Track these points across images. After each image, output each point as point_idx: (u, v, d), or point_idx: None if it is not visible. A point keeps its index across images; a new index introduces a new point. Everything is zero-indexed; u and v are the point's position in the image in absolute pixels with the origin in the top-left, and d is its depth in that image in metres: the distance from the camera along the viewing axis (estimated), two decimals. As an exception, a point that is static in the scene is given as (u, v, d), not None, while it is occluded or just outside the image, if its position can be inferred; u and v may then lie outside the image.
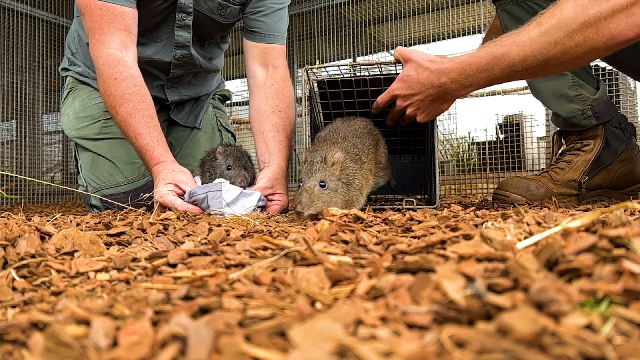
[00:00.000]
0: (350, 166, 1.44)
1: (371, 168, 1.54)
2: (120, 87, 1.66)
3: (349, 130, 1.57)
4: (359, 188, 1.44)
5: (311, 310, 0.43)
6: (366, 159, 1.52)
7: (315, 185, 1.33)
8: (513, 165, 3.75)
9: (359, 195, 1.45)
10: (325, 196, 1.34)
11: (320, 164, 1.37)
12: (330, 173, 1.37)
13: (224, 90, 2.59)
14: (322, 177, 1.35)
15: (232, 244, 0.80)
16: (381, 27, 4.63)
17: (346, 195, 1.39)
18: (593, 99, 1.79)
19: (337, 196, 1.36)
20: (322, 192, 1.33)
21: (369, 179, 1.52)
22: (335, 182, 1.36)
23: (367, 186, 1.51)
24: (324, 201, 1.33)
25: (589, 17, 1.22)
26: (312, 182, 1.33)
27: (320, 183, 1.34)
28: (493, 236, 0.60)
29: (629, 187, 1.90)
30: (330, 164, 1.37)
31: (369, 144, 1.57)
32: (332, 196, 1.35)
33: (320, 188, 1.34)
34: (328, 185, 1.35)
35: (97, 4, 1.71)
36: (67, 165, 4.72)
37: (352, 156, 1.47)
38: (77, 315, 0.42)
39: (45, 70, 4.48)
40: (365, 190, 1.50)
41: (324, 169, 1.36)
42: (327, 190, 1.34)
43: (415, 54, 1.48)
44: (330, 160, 1.37)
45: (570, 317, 0.36)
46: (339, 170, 1.38)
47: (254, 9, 2.01)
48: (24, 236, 0.76)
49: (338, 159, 1.37)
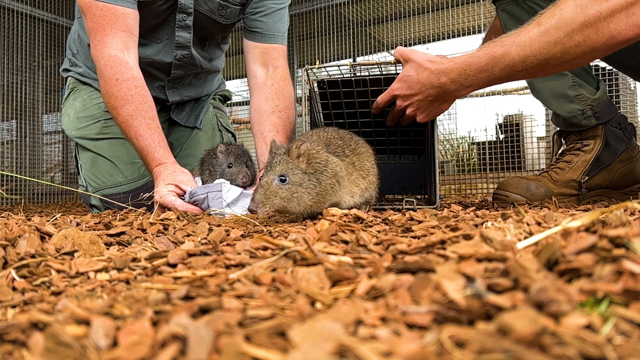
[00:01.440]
0: (323, 155, 1.30)
1: (355, 162, 1.41)
2: (122, 88, 1.67)
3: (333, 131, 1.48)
4: (333, 175, 1.29)
5: (311, 310, 0.43)
6: (351, 153, 1.40)
7: (274, 180, 1.23)
8: (513, 165, 3.75)
9: (335, 185, 1.29)
10: (285, 192, 1.23)
11: (282, 156, 1.26)
12: (294, 166, 1.25)
13: (225, 91, 2.59)
14: (283, 170, 1.24)
15: (232, 244, 0.80)
16: (381, 27, 4.63)
17: (317, 187, 1.26)
18: (593, 99, 1.79)
19: (302, 191, 1.24)
20: (281, 188, 1.23)
21: (353, 173, 1.39)
22: (299, 176, 1.24)
23: (350, 178, 1.37)
24: (283, 197, 1.23)
25: (588, 17, 1.22)
26: (270, 176, 1.23)
27: (280, 177, 1.23)
28: (493, 236, 0.60)
29: (629, 187, 1.90)
30: (295, 156, 1.25)
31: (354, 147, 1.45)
32: (294, 191, 1.23)
33: (280, 183, 1.23)
34: (290, 179, 1.23)
35: (99, 5, 1.71)
36: (67, 165, 4.72)
37: (333, 148, 1.37)
38: (77, 315, 0.42)
39: (45, 70, 4.48)
40: (347, 181, 1.35)
41: (285, 162, 1.25)
42: (287, 185, 1.23)
43: (415, 54, 1.48)
44: (294, 151, 1.25)
45: (570, 317, 0.36)
46: (306, 162, 1.26)
47: (254, 9, 2.01)
48: (24, 236, 0.76)
49: (305, 150, 1.25)
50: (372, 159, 1.50)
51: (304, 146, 1.25)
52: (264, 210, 1.22)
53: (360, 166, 1.42)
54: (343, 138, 1.44)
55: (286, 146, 1.27)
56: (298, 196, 1.24)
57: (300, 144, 1.25)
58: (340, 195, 1.32)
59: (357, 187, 1.40)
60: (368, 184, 1.45)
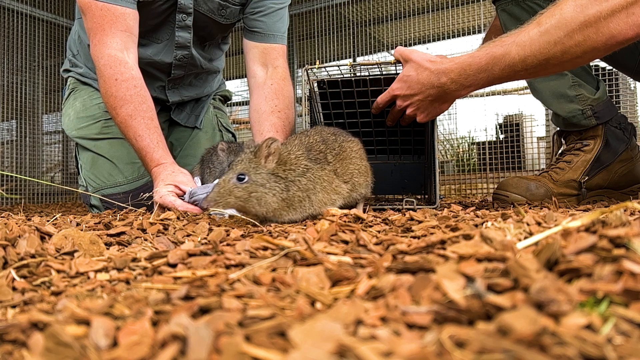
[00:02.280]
0: (302, 165, 1.26)
1: (337, 169, 1.35)
2: (121, 88, 1.66)
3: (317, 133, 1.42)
4: (305, 190, 1.23)
5: (311, 310, 0.43)
6: (333, 159, 1.35)
7: (232, 179, 1.19)
8: (513, 165, 3.75)
9: (305, 200, 1.24)
10: (241, 191, 1.18)
11: (247, 155, 1.22)
12: (257, 164, 1.20)
13: (225, 91, 2.59)
14: (243, 169, 1.19)
15: (232, 244, 0.80)
16: (381, 27, 4.63)
17: (284, 192, 1.21)
18: (593, 99, 1.79)
19: (263, 191, 1.19)
20: (237, 187, 1.18)
21: (333, 182, 1.32)
22: (263, 176, 1.19)
23: (330, 187, 1.31)
24: (238, 196, 1.18)
25: (588, 17, 1.22)
26: (229, 175, 1.20)
27: (239, 176, 1.19)
28: (493, 236, 0.60)
29: (629, 187, 1.90)
30: (264, 155, 1.20)
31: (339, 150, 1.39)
32: (252, 191, 1.18)
33: (237, 182, 1.18)
34: (250, 179, 1.19)
35: (98, 4, 1.71)
36: (67, 165, 4.72)
37: (314, 154, 1.31)
38: (77, 315, 0.42)
39: (45, 70, 4.48)
40: (323, 193, 1.28)
41: (248, 160, 1.20)
42: (245, 184, 1.18)
43: (415, 54, 1.48)
44: (264, 150, 1.20)
45: (570, 317, 0.36)
46: (275, 162, 1.22)
47: (254, 9, 2.01)
48: (24, 236, 0.76)
49: (275, 149, 1.20)
50: (357, 160, 1.43)
51: (275, 145, 1.20)
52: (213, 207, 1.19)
53: (342, 171, 1.37)
54: (326, 141, 1.37)
55: (257, 145, 1.23)
56: (258, 196, 1.19)
57: (270, 143, 1.20)
58: (314, 209, 1.27)
59: (337, 194, 1.34)
60: (353, 185, 1.40)
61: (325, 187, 1.30)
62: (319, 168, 1.29)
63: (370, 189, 1.50)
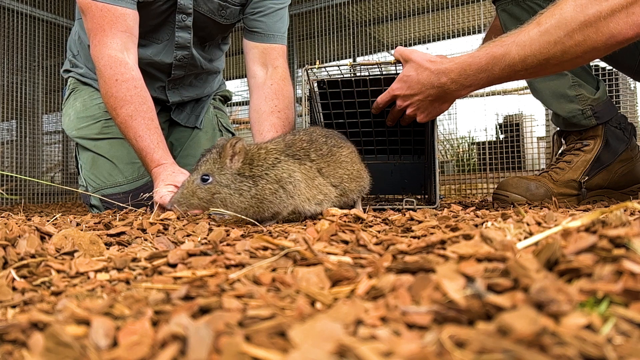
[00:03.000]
0: (271, 159, 1.21)
1: (323, 169, 1.30)
2: (121, 88, 1.66)
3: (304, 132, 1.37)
4: (276, 181, 1.19)
5: (311, 310, 0.43)
6: (318, 158, 1.30)
7: (196, 180, 1.18)
8: (513, 165, 3.75)
9: (278, 191, 1.19)
10: (204, 192, 1.17)
11: (212, 155, 1.20)
12: (222, 165, 1.18)
13: (225, 91, 2.59)
14: (207, 169, 1.18)
15: (232, 244, 0.80)
16: (381, 27, 4.63)
17: (252, 189, 1.17)
18: (593, 99, 1.79)
19: (227, 192, 1.17)
20: (200, 188, 1.17)
21: (316, 178, 1.27)
22: (228, 176, 1.18)
23: (312, 183, 1.25)
24: (201, 198, 1.17)
25: (588, 17, 1.22)
26: (194, 175, 1.19)
27: (203, 177, 1.18)
28: (493, 236, 0.60)
29: (629, 187, 1.90)
30: (229, 155, 1.18)
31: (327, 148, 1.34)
32: (215, 192, 1.17)
33: (201, 183, 1.17)
34: (214, 179, 1.17)
35: (98, 5, 1.71)
36: (67, 165, 4.72)
37: (294, 150, 1.27)
38: (77, 315, 0.42)
39: (45, 70, 4.48)
40: (304, 186, 1.23)
41: (213, 161, 1.19)
42: (208, 185, 1.17)
43: (415, 54, 1.48)
44: (228, 150, 1.18)
45: (570, 317, 0.36)
46: (242, 162, 1.19)
47: (254, 9, 2.01)
48: (24, 236, 0.76)
49: (240, 148, 1.18)
50: (348, 165, 1.38)
51: (239, 145, 1.18)
52: (181, 210, 1.17)
53: (329, 173, 1.31)
54: (314, 141, 1.33)
55: (222, 145, 1.21)
56: (222, 197, 1.17)
57: (234, 142, 1.18)
58: (295, 200, 1.22)
59: (322, 194, 1.29)
60: (344, 191, 1.35)
61: (306, 178, 1.24)
62: (295, 162, 1.24)
63: (365, 190, 1.46)
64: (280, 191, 1.19)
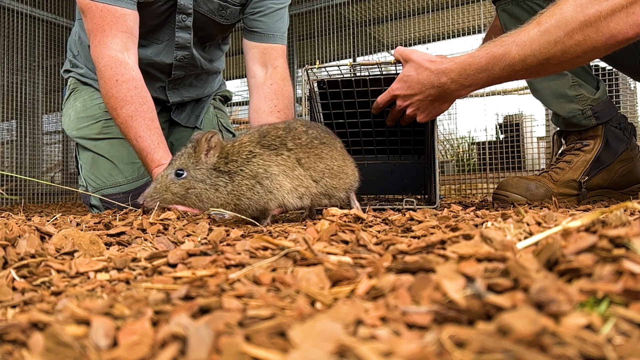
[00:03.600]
0: (246, 152, 1.17)
1: (302, 159, 1.23)
2: (122, 89, 1.66)
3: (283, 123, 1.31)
4: (252, 176, 1.15)
5: (311, 310, 0.43)
6: (295, 147, 1.23)
7: (170, 174, 1.15)
8: (513, 165, 3.75)
9: (255, 186, 1.15)
10: (178, 187, 1.14)
11: (188, 149, 1.17)
12: (198, 160, 1.15)
13: (225, 91, 2.59)
14: (182, 164, 1.15)
15: (232, 244, 0.80)
16: (381, 27, 4.63)
17: (228, 185, 1.15)
18: (593, 99, 1.79)
19: (202, 187, 1.14)
20: (174, 182, 1.15)
21: (296, 169, 1.21)
22: (203, 171, 1.15)
23: (292, 174, 1.20)
24: (175, 193, 1.15)
25: (588, 16, 1.22)
26: (168, 170, 1.16)
27: (177, 171, 1.15)
28: (493, 236, 0.60)
29: (629, 187, 1.90)
30: (204, 150, 1.15)
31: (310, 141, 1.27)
32: (189, 187, 1.14)
33: (175, 177, 1.15)
34: (189, 174, 1.14)
35: (99, 5, 1.71)
36: (67, 165, 4.72)
37: (269, 139, 1.21)
38: (77, 315, 0.42)
39: (45, 70, 4.48)
40: (282, 179, 1.18)
41: (188, 155, 1.16)
42: (182, 180, 1.14)
43: (415, 54, 1.48)
44: (203, 145, 1.15)
45: (570, 317, 0.36)
46: (216, 156, 1.16)
47: (254, 9, 2.01)
48: (24, 236, 0.76)
49: (215, 142, 1.15)
50: (328, 161, 1.29)
51: (215, 139, 1.15)
52: (153, 205, 1.14)
53: (310, 165, 1.24)
54: (291, 129, 1.26)
55: (197, 139, 1.17)
56: (197, 192, 1.15)
57: (210, 137, 1.15)
58: (275, 196, 1.18)
59: (303, 187, 1.23)
60: (326, 187, 1.27)
61: (285, 170, 1.19)
62: (271, 153, 1.19)
63: (353, 188, 1.38)
64: (257, 187, 1.16)
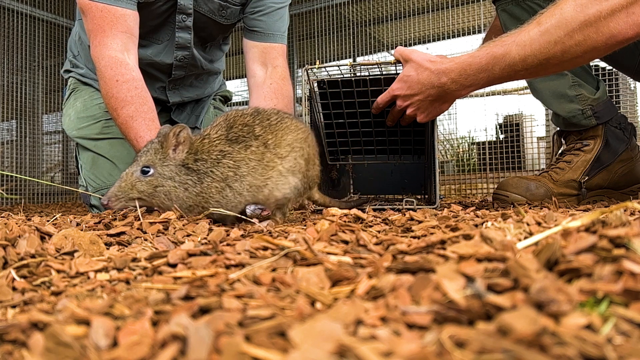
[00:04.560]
0: (216, 151, 1.11)
1: (269, 140, 1.17)
2: (122, 89, 1.66)
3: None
4: (224, 179, 1.10)
5: (311, 310, 0.43)
6: (263, 131, 1.17)
7: (135, 172, 1.09)
8: (513, 165, 3.75)
9: (224, 189, 1.10)
10: (144, 185, 1.09)
11: (155, 144, 1.12)
12: (165, 156, 1.10)
13: (225, 91, 2.59)
14: (149, 160, 1.09)
15: (232, 244, 0.80)
16: (381, 27, 4.63)
17: (197, 185, 1.09)
18: (593, 99, 1.79)
19: (171, 185, 1.08)
20: (140, 180, 1.09)
21: (264, 157, 1.15)
22: (172, 168, 1.09)
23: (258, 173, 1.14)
24: (142, 191, 1.09)
25: (588, 16, 1.22)
26: (133, 167, 1.11)
27: (144, 168, 1.09)
28: (493, 236, 0.60)
29: (629, 187, 1.90)
30: (172, 145, 1.10)
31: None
32: (157, 184, 1.09)
33: (141, 175, 1.09)
34: (156, 171, 1.09)
35: (99, 6, 1.71)
36: (67, 165, 4.72)
37: (235, 129, 1.15)
38: (77, 315, 0.42)
39: (45, 70, 4.48)
40: (251, 179, 1.13)
41: (155, 151, 1.10)
42: (149, 177, 1.09)
43: (415, 54, 1.48)
44: (171, 140, 1.09)
45: (570, 317, 0.36)
46: (185, 152, 1.11)
47: (254, 8, 2.01)
48: (24, 236, 0.76)
49: (184, 137, 1.09)
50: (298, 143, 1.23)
51: (183, 133, 1.09)
52: (118, 205, 1.09)
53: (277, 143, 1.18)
54: (260, 114, 1.21)
55: (164, 133, 1.12)
56: (165, 190, 1.09)
57: (178, 131, 1.09)
58: (244, 197, 1.13)
59: (272, 169, 1.17)
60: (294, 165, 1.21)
61: (253, 168, 1.14)
62: (241, 148, 1.14)
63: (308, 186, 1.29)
64: (226, 190, 1.12)
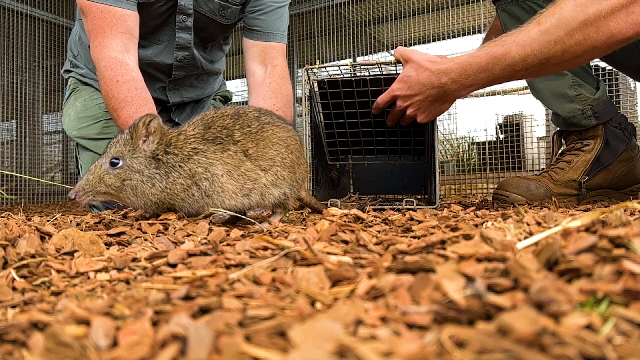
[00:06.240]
0: (189, 147, 1.05)
1: (250, 149, 1.10)
2: (122, 90, 1.66)
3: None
4: (190, 175, 1.03)
5: (311, 310, 0.43)
6: (243, 138, 1.10)
7: (104, 164, 1.03)
8: (513, 165, 3.75)
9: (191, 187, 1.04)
10: (113, 178, 1.02)
11: (124, 135, 1.05)
12: (135, 147, 1.03)
13: (225, 92, 2.59)
14: (118, 152, 1.03)
15: (232, 244, 0.80)
16: (381, 27, 4.63)
17: (163, 181, 1.03)
18: (593, 99, 1.79)
19: (139, 179, 1.02)
20: (109, 173, 1.02)
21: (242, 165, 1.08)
22: (141, 160, 1.02)
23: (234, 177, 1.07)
24: (110, 185, 1.02)
25: (588, 16, 1.22)
26: (102, 159, 1.04)
27: (112, 160, 1.03)
28: (493, 236, 0.60)
29: (629, 187, 1.90)
30: (142, 136, 1.03)
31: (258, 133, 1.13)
32: (126, 178, 1.02)
33: (110, 167, 1.03)
34: (125, 164, 1.02)
35: (99, 6, 1.71)
36: (67, 165, 4.72)
37: (213, 130, 1.09)
38: (77, 315, 0.42)
39: (45, 70, 4.48)
40: (225, 180, 1.06)
41: (124, 142, 1.04)
42: (117, 170, 1.02)
43: (415, 54, 1.48)
44: (141, 130, 1.03)
45: (570, 317, 0.36)
46: (156, 143, 1.04)
47: (254, 8, 2.01)
48: (24, 236, 0.76)
49: (155, 127, 1.03)
50: (282, 148, 1.16)
51: (154, 123, 1.04)
52: (85, 200, 1.04)
53: (258, 154, 1.11)
54: (240, 116, 1.13)
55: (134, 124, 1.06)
56: (133, 185, 1.02)
57: (148, 121, 1.03)
58: (208, 202, 1.07)
59: (251, 181, 1.09)
60: (275, 177, 1.14)
61: (229, 170, 1.07)
62: (217, 149, 1.07)
63: (296, 192, 1.22)
64: (193, 188, 1.05)
